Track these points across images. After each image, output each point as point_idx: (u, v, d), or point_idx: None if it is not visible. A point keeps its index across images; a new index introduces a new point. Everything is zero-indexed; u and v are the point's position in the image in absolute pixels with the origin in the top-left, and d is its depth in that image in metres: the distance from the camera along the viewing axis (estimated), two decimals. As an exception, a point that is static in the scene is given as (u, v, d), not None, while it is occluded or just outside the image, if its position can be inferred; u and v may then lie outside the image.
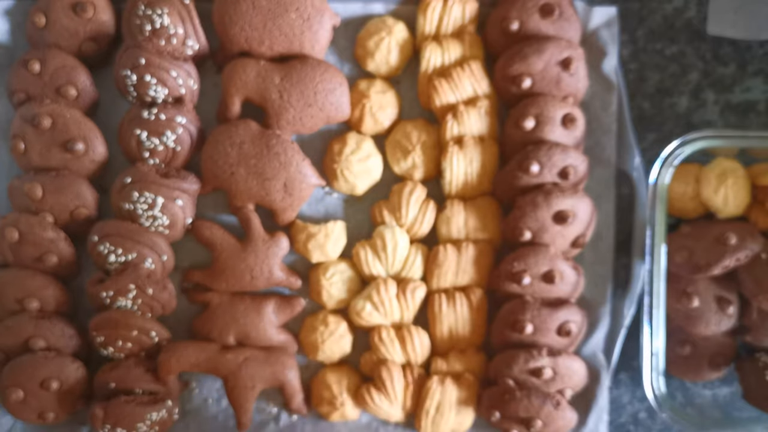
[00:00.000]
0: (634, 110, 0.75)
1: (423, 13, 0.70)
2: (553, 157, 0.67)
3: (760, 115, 0.75)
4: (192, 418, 0.73)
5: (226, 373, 0.69)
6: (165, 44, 0.66)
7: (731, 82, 0.75)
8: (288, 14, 0.67)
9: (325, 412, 0.71)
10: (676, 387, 0.75)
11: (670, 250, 0.69)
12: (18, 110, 0.68)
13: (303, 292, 0.73)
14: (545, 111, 0.67)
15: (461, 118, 0.69)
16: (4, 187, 0.70)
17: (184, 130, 0.67)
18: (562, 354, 0.69)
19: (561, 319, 0.68)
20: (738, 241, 0.67)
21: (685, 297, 0.69)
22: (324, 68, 0.68)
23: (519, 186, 0.68)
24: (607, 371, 0.72)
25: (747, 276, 0.68)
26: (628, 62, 0.75)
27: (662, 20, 0.74)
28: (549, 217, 0.67)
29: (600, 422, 0.72)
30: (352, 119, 0.71)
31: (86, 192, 0.68)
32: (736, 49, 0.74)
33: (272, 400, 0.73)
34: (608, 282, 0.72)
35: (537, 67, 0.67)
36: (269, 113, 0.69)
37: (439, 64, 0.70)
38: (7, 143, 0.70)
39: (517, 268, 0.68)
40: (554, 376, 0.68)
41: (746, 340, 0.72)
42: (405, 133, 0.70)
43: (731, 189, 0.68)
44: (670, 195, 0.69)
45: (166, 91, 0.67)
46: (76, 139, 0.67)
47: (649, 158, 0.74)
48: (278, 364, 0.69)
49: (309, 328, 0.71)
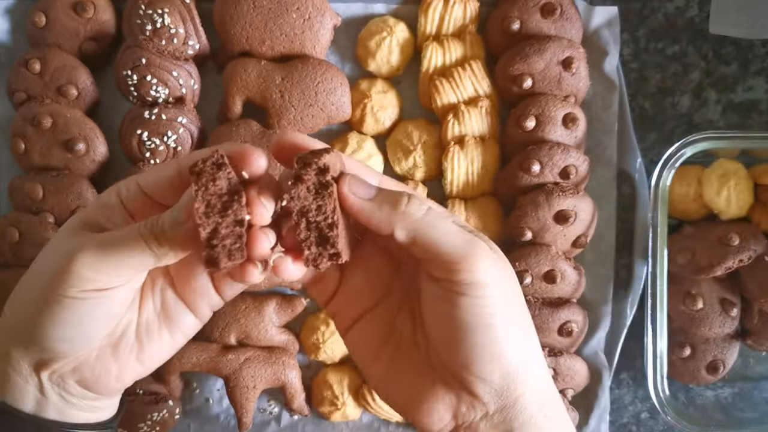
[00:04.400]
0: (636, 110, 0.75)
1: (424, 13, 0.70)
2: (554, 156, 0.67)
3: (762, 114, 0.75)
4: (193, 418, 0.73)
5: (227, 373, 0.69)
6: (166, 44, 0.66)
7: (733, 82, 0.75)
8: (289, 14, 0.67)
9: (327, 412, 0.71)
10: (679, 388, 0.74)
11: (672, 252, 0.69)
12: (18, 110, 0.68)
13: (304, 292, 0.73)
14: (546, 111, 0.67)
15: (462, 118, 0.69)
16: (5, 187, 0.70)
17: (185, 130, 0.67)
18: (564, 354, 0.69)
19: (562, 319, 0.68)
20: (741, 242, 0.66)
21: (689, 298, 0.69)
22: (325, 68, 0.68)
23: (520, 186, 0.68)
24: (608, 371, 0.72)
25: (749, 278, 0.68)
26: (630, 62, 0.74)
27: (664, 19, 0.74)
28: (550, 217, 0.67)
29: (602, 422, 0.72)
30: (353, 119, 0.71)
31: (87, 192, 0.67)
32: (738, 49, 0.74)
33: (273, 400, 0.73)
34: (609, 282, 0.72)
35: (538, 66, 0.67)
36: (270, 113, 0.69)
37: (440, 64, 0.70)
38: (7, 143, 0.70)
39: (518, 268, 0.68)
40: (555, 376, 0.68)
41: (747, 343, 0.72)
42: (406, 133, 0.70)
43: (733, 190, 0.68)
44: (672, 197, 0.69)
45: (167, 91, 0.67)
46: (76, 139, 0.66)
47: (650, 158, 0.74)
48: (279, 364, 0.69)
49: (310, 328, 0.71)
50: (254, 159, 0.36)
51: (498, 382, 0.37)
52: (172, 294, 0.42)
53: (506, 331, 0.37)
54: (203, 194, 0.34)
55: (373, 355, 0.41)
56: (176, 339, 0.42)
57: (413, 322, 0.41)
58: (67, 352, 0.38)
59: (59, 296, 0.36)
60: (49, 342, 0.38)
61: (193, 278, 0.42)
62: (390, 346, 0.41)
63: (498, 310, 0.37)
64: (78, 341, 0.38)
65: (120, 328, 0.41)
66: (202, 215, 0.34)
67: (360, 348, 0.42)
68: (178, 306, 0.42)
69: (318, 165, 0.35)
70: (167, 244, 0.36)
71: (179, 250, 0.36)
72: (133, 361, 0.41)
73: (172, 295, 0.42)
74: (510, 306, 0.38)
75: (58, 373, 0.39)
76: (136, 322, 0.41)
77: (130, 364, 0.41)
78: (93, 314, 0.37)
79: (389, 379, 0.41)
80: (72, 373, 0.40)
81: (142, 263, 0.37)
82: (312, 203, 0.35)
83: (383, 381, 0.41)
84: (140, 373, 0.42)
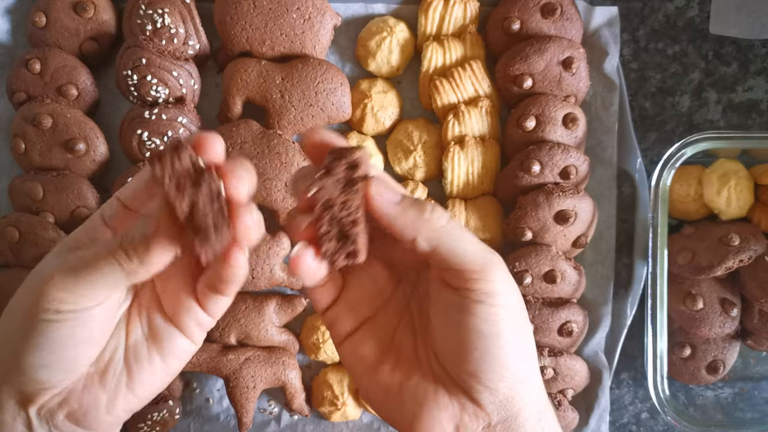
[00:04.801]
0: (636, 110, 0.75)
1: (424, 13, 0.70)
2: (555, 156, 0.67)
3: (762, 114, 0.75)
4: (193, 418, 0.73)
5: (227, 373, 0.69)
6: (166, 44, 0.66)
7: (733, 82, 0.75)
8: (289, 14, 0.67)
9: (327, 411, 0.71)
10: (679, 388, 0.74)
11: (672, 252, 0.69)
12: (18, 110, 0.68)
13: (304, 292, 0.73)
14: (546, 111, 0.67)
15: (462, 118, 0.69)
16: (5, 187, 0.70)
17: (185, 130, 0.67)
18: (564, 354, 0.69)
19: (562, 319, 0.68)
20: (741, 243, 0.66)
21: (689, 298, 0.69)
22: (325, 68, 0.68)
23: (520, 186, 0.68)
24: (608, 371, 0.72)
25: (750, 279, 0.68)
26: (630, 62, 0.74)
27: (664, 19, 0.74)
28: (550, 217, 0.67)
29: (602, 423, 0.72)
30: (354, 119, 0.71)
31: (87, 192, 0.68)
32: (738, 49, 0.74)
33: (273, 400, 0.74)
34: (610, 282, 0.72)
35: (538, 66, 0.67)
36: (270, 113, 0.69)
37: (441, 64, 0.70)
38: (7, 143, 0.70)
39: (519, 268, 0.68)
40: (556, 376, 0.68)
41: (747, 343, 0.72)
42: (406, 133, 0.70)
43: (734, 190, 0.68)
44: (672, 197, 0.69)
45: (167, 91, 0.67)
46: (77, 138, 0.66)
47: (650, 158, 0.74)
48: (279, 364, 0.69)
49: (310, 328, 0.71)
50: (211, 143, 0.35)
51: (503, 392, 0.38)
52: (158, 315, 0.41)
53: (515, 342, 0.38)
54: (170, 174, 0.33)
55: (370, 367, 0.41)
56: (169, 364, 0.41)
57: (413, 334, 0.41)
58: (50, 380, 0.37)
59: (36, 320, 0.35)
60: (30, 370, 0.36)
61: (177, 294, 0.40)
62: (389, 357, 0.41)
63: (510, 320, 0.37)
64: (59, 368, 0.37)
65: (106, 354, 0.39)
66: (173, 191, 0.33)
67: (356, 359, 0.42)
68: (166, 327, 0.41)
69: (350, 160, 0.35)
70: (136, 257, 0.35)
71: (150, 260, 0.35)
72: (124, 389, 0.40)
73: (159, 317, 0.41)
74: (520, 318, 0.39)
75: (46, 407, 0.38)
76: (123, 347, 0.40)
77: (121, 394, 0.39)
78: (73, 337, 0.36)
79: (388, 391, 0.40)
80: (60, 407, 0.38)
81: (113, 280, 0.35)
82: (338, 197, 0.35)
83: (382, 393, 0.41)
84: (133, 404, 0.40)
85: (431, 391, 0.39)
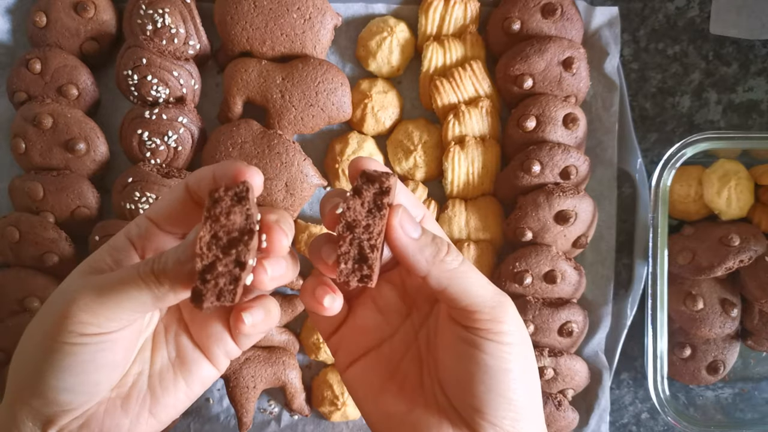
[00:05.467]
0: (636, 110, 0.75)
1: (425, 13, 0.70)
2: (555, 157, 0.67)
3: (762, 114, 0.75)
4: (193, 418, 0.73)
5: (227, 373, 0.69)
6: (166, 44, 0.66)
7: (734, 82, 0.75)
8: (289, 14, 0.67)
9: (327, 411, 0.71)
10: (679, 388, 0.74)
11: (672, 252, 0.69)
12: (19, 110, 0.68)
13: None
14: (547, 111, 0.67)
15: (463, 118, 0.69)
16: (5, 186, 0.70)
17: (185, 130, 0.67)
18: (564, 354, 0.69)
19: (562, 320, 0.68)
20: (741, 243, 0.66)
21: (689, 299, 0.69)
22: (325, 68, 0.68)
23: (520, 186, 0.68)
24: (608, 372, 0.72)
25: (750, 279, 0.68)
26: (630, 62, 0.74)
27: (664, 20, 0.74)
28: (550, 217, 0.67)
29: (602, 423, 0.72)
30: (354, 119, 0.71)
31: (87, 192, 0.68)
32: (738, 49, 0.74)
33: (273, 400, 0.73)
34: (610, 282, 0.72)
35: (538, 67, 0.67)
36: (271, 113, 0.69)
37: (441, 64, 0.70)
38: (7, 143, 0.70)
39: (519, 269, 0.68)
40: (556, 376, 0.68)
41: (748, 343, 0.72)
42: (406, 133, 0.70)
43: (734, 191, 0.68)
44: (672, 197, 0.69)
45: (167, 91, 0.67)
46: (77, 138, 0.66)
47: (651, 158, 0.74)
48: (279, 364, 0.69)
49: (310, 328, 0.71)
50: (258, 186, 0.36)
51: (506, 429, 0.38)
52: (187, 341, 0.41)
53: (521, 380, 0.38)
54: (212, 224, 0.33)
55: (374, 394, 0.42)
56: (193, 389, 0.41)
57: (420, 364, 0.42)
58: (71, 403, 0.37)
59: (59, 343, 0.35)
60: (51, 392, 0.36)
61: (207, 323, 0.40)
62: (393, 385, 0.41)
63: (518, 359, 0.38)
64: (81, 391, 0.37)
65: (130, 378, 0.39)
66: (204, 246, 0.33)
67: (361, 386, 0.42)
68: (194, 353, 0.41)
69: (380, 185, 0.36)
70: (167, 283, 0.35)
71: (180, 288, 0.35)
72: (146, 414, 0.39)
73: (188, 342, 0.41)
74: (527, 357, 0.39)
75: (66, 430, 0.38)
76: (148, 372, 0.40)
77: (144, 418, 0.39)
78: (95, 361, 0.36)
79: (391, 419, 0.41)
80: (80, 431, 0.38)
81: (140, 304, 0.35)
82: (363, 220, 0.36)
83: (384, 419, 0.41)
84: (154, 428, 0.40)
85: (435, 423, 0.39)
